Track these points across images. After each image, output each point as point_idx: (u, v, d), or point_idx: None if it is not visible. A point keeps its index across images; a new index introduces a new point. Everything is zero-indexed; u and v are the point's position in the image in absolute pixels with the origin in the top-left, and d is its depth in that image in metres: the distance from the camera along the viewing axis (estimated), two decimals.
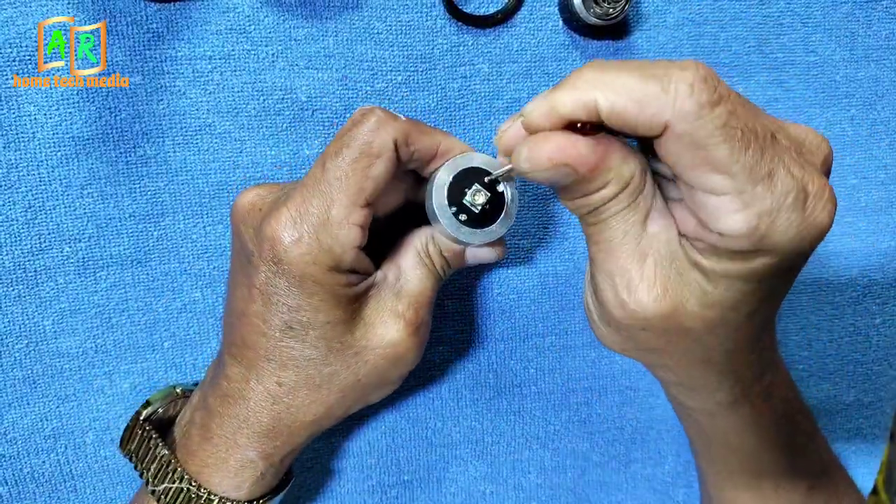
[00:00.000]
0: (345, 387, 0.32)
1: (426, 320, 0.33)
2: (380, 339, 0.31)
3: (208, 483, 0.32)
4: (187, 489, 0.32)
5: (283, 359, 0.31)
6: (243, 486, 0.33)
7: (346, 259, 0.29)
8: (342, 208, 0.29)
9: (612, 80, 0.21)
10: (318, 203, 0.29)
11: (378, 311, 0.32)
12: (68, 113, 0.34)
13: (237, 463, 0.32)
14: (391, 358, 0.32)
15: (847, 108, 0.43)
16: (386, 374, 0.32)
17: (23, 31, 0.33)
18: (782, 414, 0.33)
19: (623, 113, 0.21)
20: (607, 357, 0.44)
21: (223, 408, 0.32)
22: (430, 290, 0.33)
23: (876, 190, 0.45)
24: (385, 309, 0.32)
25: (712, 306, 0.23)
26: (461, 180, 0.32)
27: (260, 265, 0.30)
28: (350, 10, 0.36)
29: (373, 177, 0.29)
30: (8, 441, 0.37)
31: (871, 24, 0.42)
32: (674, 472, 0.47)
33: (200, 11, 0.35)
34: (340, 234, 0.29)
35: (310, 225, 0.29)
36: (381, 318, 0.31)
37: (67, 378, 0.37)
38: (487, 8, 0.38)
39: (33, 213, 0.35)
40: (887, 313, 0.47)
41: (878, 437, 0.50)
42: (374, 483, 0.43)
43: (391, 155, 0.29)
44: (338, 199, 0.29)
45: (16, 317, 0.36)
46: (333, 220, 0.29)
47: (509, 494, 0.45)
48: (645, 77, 0.21)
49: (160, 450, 0.33)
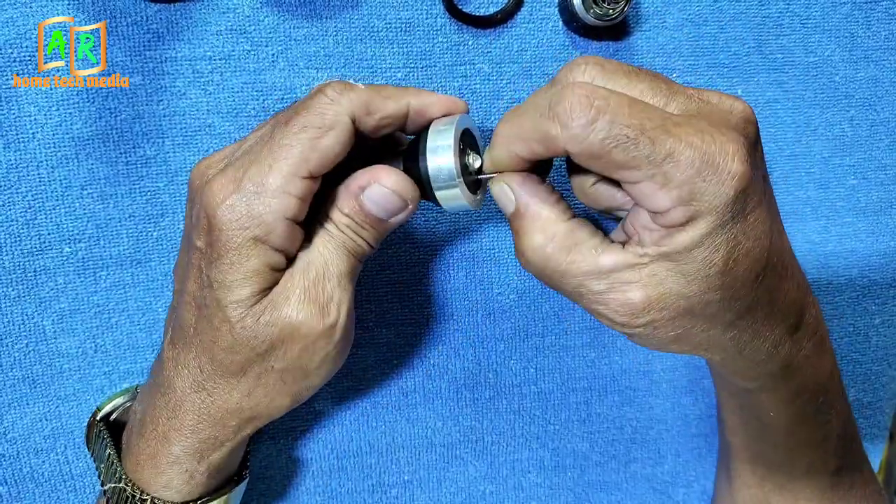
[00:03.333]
0: (259, 374, 0.29)
1: (335, 297, 0.29)
2: (285, 322, 0.28)
3: (141, 481, 0.31)
4: (123, 489, 0.31)
5: (201, 342, 0.29)
6: (171, 485, 0.31)
7: (276, 230, 0.27)
8: (280, 177, 0.27)
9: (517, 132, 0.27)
10: (257, 170, 0.27)
11: (285, 290, 0.29)
12: (68, 113, 0.34)
13: (165, 460, 0.31)
14: (300, 341, 0.29)
15: (847, 108, 0.43)
16: (300, 360, 0.29)
17: (23, 31, 0.33)
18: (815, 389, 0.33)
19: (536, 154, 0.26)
20: (607, 357, 0.44)
21: (156, 398, 0.31)
22: (339, 264, 0.29)
23: (876, 190, 0.45)
24: (293, 287, 0.29)
25: (692, 281, 0.25)
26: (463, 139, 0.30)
27: (195, 238, 0.28)
28: (350, 9, 0.36)
29: (320, 149, 0.27)
30: (8, 441, 0.37)
31: (871, 25, 0.42)
32: (673, 472, 0.47)
33: (200, 12, 0.35)
34: (273, 203, 0.27)
35: (245, 191, 0.27)
36: (285, 296, 0.28)
37: (67, 378, 0.37)
38: (487, 8, 0.38)
39: (33, 213, 0.35)
40: (887, 313, 0.47)
41: (877, 437, 0.50)
42: (374, 483, 0.43)
43: (345, 129, 0.28)
44: (277, 168, 0.27)
45: (15, 317, 0.36)
46: (269, 188, 0.27)
47: (509, 494, 0.45)
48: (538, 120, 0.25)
49: (108, 449, 0.33)
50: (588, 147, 0.24)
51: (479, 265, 0.41)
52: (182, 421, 0.30)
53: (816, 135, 0.43)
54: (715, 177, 0.23)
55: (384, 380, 0.42)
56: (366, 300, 0.40)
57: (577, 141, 0.24)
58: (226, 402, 0.30)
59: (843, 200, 0.44)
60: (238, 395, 0.30)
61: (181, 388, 0.30)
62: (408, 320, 0.41)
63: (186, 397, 0.30)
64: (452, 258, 0.40)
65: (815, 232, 0.45)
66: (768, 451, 0.36)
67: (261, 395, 0.30)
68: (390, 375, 0.42)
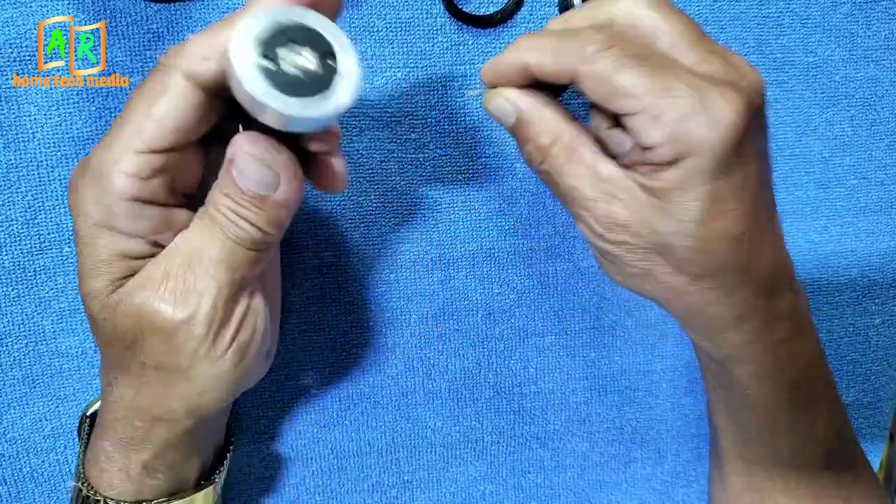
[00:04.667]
0: (138, 371, 0.27)
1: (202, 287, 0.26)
2: (139, 312, 0.26)
3: (91, 479, 0.30)
4: (80, 487, 0.30)
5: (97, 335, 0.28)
6: (113, 483, 0.30)
7: (119, 213, 0.25)
8: (116, 153, 0.25)
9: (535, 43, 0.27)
10: (100, 150, 0.25)
11: (142, 280, 0.26)
12: (68, 113, 0.34)
13: (102, 456, 0.30)
14: (157, 334, 0.26)
15: (847, 108, 0.43)
16: (167, 357, 0.26)
17: (23, 31, 0.33)
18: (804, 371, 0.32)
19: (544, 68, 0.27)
20: (607, 357, 0.44)
21: (104, 395, 0.30)
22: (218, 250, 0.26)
23: (876, 190, 0.45)
24: (152, 275, 0.26)
25: (675, 220, 0.26)
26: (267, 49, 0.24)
27: None
28: (350, 8, 0.36)
29: (155, 117, 0.25)
30: (7, 440, 0.37)
31: (871, 25, 0.42)
32: (673, 472, 0.47)
33: (200, 12, 0.35)
34: (108, 184, 0.25)
35: (92, 174, 0.25)
36: (142, 286, 0.26)
37: (67, 378, 0.37)
38: (487, 8, 0.38)
39: (33, 213, 0.35)
40: (887, 313, 0.47)
41: (877, 437, 0.50)
42: (374, 483, 0.43)
43: (180, 89, 0.25)
44: (112, 145, 0.25)
45: (15, 317, 0.36)
46: (106, 168, 0.25)
47: (509, 494, 0.45)
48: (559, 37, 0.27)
49: (80, 446, 0.32)
50: (597, 68, 0.25)
51: (479, 265, 0.41)
52: (104, 416, 0.30)
53: (816, 134, 0.43)
54: (707, 120, 0.24)
55: (384, 380, 0.42)
56: (365, 300, 0.40)
57: (589, 61, 0.25)
58: (124, 398, 0.28)
59: (844, 200, 0.44)
60: (131, 393, 0.28)
61: (103, 382, 0.29)
62: (408, 320, 0.41)
63: (104, 391, 0.29)
64: (452, 258, 0.40)
65: (815, 232, 0.45)
66: (752, 436, 0.36)
67: (149, 394, 0.28)
68: (390, 375, 0.42)
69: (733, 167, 0.25)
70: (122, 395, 0.28)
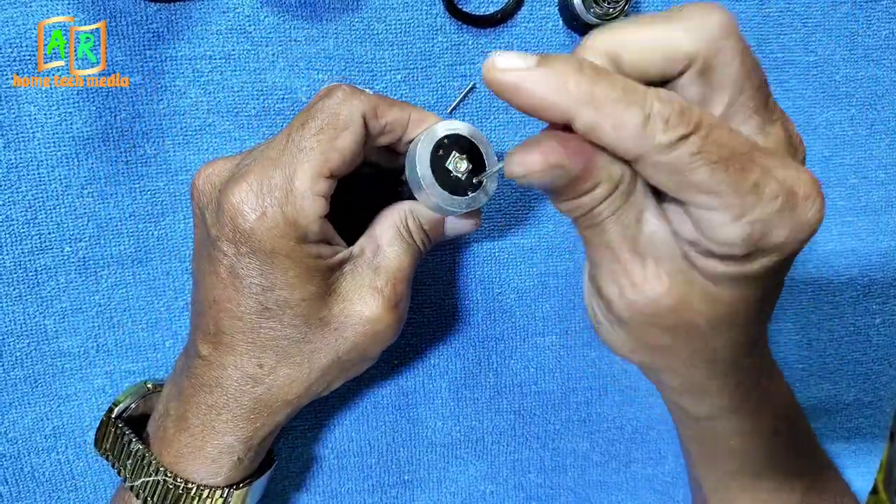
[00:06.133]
0: (326, 364, 0.32)
1: (405, 296, 0.32)
2: (358, 316, 0.31)
3: (185, 472, 0.32)
4: (163, 481, 0.32)
5: (262, 341, 0.31)
6: (220, 473, 0.32)
7: (312, 230, 0.29)
8: (306, 178, 0.28)
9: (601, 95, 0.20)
10: (281, 174, 0.28)
11: (356, 287, 0.31)
12: (68, 113, 0.34)
13: (214, 449, 0.32)
14: (370, 334, 0.31)
15: (847, 108, 0.43)
16: (366, 350, 0.32)
17: (23, 31, 0.33)
18: (782, 415, 0.33)
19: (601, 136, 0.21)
20: (607, 357, 0.44)
21: (199, 396, 0.32)
22: (409, 266, 0.32)
23: (876, 190, 0.45)
24: (363, 285, 0.31)
25: (715, 303, 0.24)
26: (442, 148, 0.31)
27: (224, 247, 0.29)
28: (350, 11, 0.36)
29: (339, 148, 0.29)
30: (8, 440, 0.37)
31: (871, 24, 0.42)
32: (674, 472, 0.47)
33: (200, 11, 0.35)
34: (304, 205, 0.28)
35: (272, 197, 0.28)
36: (359, 293, 0.31)
37: (68, 377, 0.37)
38: (487, 8, 0.38)
39: (34, 212, 0.35)
40: (887, 313, 0.47)
41: (877, 437, 0.50)
42: (374, 483, 0.43)
43: (359, 128, 0.29)
44: (301, 170, 0.28)
45: (17, 316, 0.36)
46: (297, 191, 0.28)
47: (509, 494, 0.45)
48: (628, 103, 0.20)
49: (134, 445, 0.33)
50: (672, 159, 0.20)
51: (479, 265, 0.41)
52: (234, 413, 0.32)
53: (817, 134, 0.43)
54: (792, 220, 0.21)
55: (384, 380, 0.42)
56: None
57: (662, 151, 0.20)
58: (286, 393, 0.32)
59: (844, 199, 0.44)
60: (298, 387, 0.32)
61: (233, 387, 0.32)
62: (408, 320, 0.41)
63: (243, 394, 0.32)
64: (452, 258, 0.40)
65: None
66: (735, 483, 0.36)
67: (321, 383, 0.33)
68: (390, 375, 0.42)
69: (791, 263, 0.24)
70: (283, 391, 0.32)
